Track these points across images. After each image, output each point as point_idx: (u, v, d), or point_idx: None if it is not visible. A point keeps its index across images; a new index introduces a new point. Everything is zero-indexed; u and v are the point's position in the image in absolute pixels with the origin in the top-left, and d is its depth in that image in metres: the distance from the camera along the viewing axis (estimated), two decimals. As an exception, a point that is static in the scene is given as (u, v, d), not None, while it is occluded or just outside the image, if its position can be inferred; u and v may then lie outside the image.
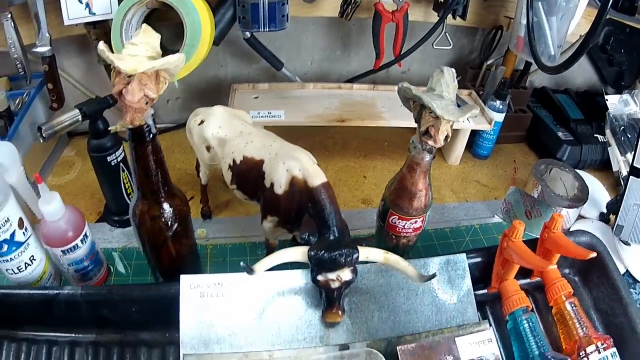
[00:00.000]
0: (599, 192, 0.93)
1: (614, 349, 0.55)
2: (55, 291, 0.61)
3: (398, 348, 0.53)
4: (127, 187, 0.76)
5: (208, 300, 0.56)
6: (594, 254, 0.55)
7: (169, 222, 0.57)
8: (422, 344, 0.54)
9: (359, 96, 0.95)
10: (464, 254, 0.62)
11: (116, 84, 0.45)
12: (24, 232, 0.63)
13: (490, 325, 0.60)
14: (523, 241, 0.60)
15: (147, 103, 0.47)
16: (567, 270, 0.68)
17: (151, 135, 0.50)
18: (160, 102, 1.03)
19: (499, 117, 0.93)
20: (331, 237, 0.53)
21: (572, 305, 0.59)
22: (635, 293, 0.75)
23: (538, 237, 0.64)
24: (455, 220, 0.84)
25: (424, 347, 0.53)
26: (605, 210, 0.86)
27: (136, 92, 0.45)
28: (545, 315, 0.62)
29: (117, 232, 0.80)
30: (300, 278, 0.58)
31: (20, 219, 0.62)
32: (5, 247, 0.61)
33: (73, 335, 0.62)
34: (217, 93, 1.05)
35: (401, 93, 0.58)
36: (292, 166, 0.57)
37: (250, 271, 0.48)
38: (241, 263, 0.47)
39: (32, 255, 0.65)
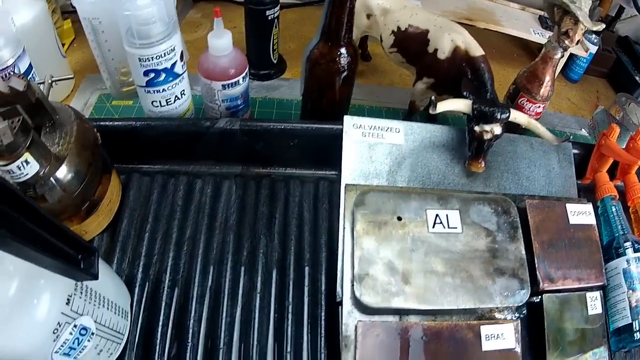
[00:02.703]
0: (664, 136, 1.01)
1: (678, 247, 0.61)
2: (211, 122, 0.62)
3: (527, 201, 0.60)
4: (274, 43, 0.81)
5: (368, 140, 0.60)
6: (670, 163, 0.61)
7: (344, 66, 0.63)
8: (543, 201, 0.61)
9: (481, 4, 0.99)
10: (570, 143, 0.68)
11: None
12: (182, 66, 0.64)
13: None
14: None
15: None
16: (640, 186, 0.74)
17: None
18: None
19: (593, 49, 1.00)
20: (488, 97, 0.60)
21: (647, 206, 0.66)
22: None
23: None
24: (551, 125, 0.91)
25: (544, 204, 0.61)
26: (667, 152, 0.95)
27: None
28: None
29: (255, 84, 0.84)
30: (447, 133, 0.64)
31: (182, 52, 0.63)
32: (163, 75, 0.62)
33: (216, 169, 0.65)
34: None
35: None
36: (456, 37, 0.64)
37: (435, 106, 0.55)
38: (432, 97, 0.55)
39: (183, 90, 0.67)
